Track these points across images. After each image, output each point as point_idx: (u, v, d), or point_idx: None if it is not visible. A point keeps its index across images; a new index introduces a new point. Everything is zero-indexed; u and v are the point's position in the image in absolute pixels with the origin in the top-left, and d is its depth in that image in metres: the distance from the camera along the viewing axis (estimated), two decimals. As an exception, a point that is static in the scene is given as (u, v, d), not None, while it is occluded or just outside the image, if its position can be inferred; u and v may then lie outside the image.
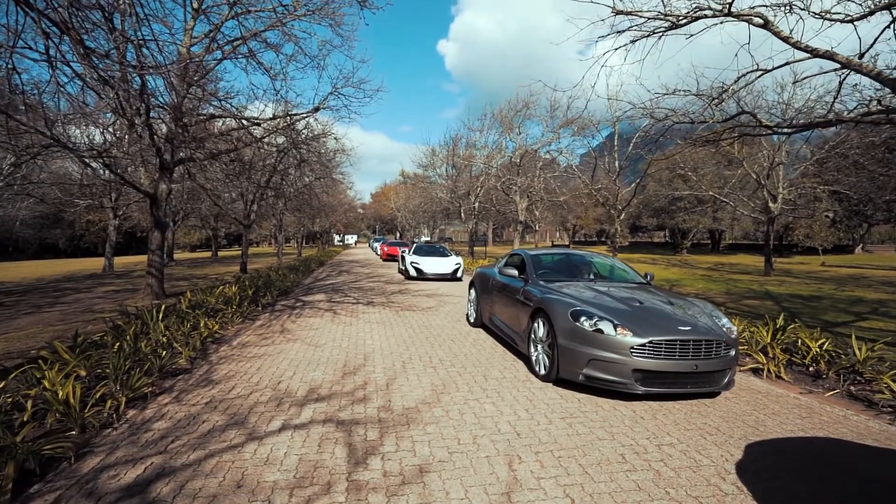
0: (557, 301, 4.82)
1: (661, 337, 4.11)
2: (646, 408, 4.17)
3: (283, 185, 21.02)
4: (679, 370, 4.10)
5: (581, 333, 4.34)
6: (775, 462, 3.20)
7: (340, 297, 11.79)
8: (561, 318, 4.56)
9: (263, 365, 5.49)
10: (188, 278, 17.97)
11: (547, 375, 4.75)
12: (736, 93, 8.18)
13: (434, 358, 5.79)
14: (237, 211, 22.33)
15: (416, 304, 10.54)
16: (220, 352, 6.24)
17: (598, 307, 4.59)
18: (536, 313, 5.07)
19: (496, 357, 5.87)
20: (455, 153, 28.06)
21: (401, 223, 64.29)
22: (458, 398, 4.33)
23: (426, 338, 6.96)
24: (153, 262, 11.64)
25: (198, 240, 59.09)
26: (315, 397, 4.34)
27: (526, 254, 6.55)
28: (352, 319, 8.54)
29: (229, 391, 4.52)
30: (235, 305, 9.04)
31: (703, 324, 4.42)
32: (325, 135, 16.10)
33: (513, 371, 5.26)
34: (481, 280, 7.55)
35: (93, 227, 43.23)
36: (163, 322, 6.91)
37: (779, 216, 22.96)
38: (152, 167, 13.13)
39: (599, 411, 4.05)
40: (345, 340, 6.81)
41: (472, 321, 7.81)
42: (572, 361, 4.37)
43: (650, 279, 6.34)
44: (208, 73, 11.69)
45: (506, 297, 6.27)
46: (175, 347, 6.02)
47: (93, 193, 22.26)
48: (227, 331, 7.72)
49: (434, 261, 16.53)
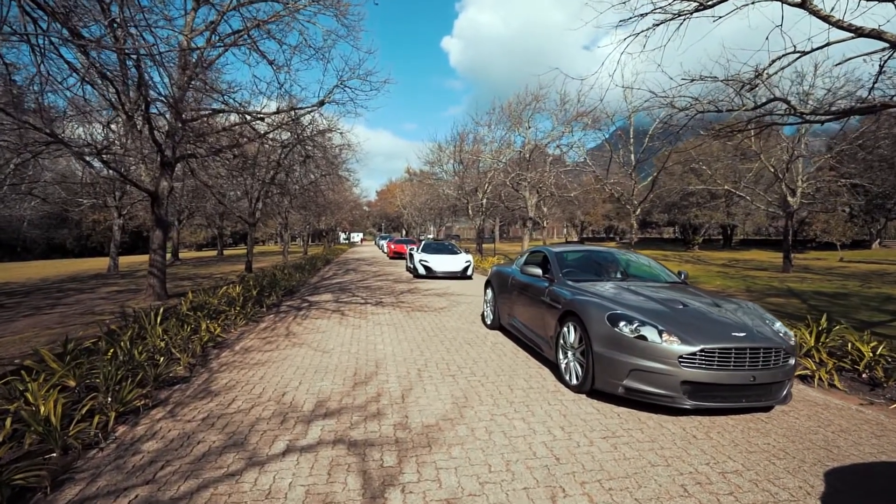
0: (591, 303, 4.34)
1: (714, 344, 3.62)
2: (695, 424, 3.69)
3: (289, 182, 20.63)
4: (734, 382, 3.61)
5: (620, 340, 3.87)
6: (868, 497, 2.72)
7: (348, 296, 11.37)
8: (596, 323, 4.09)
9: (267, 373, 5.06)
10: (192, 278, 17.64)
11: (580, 386, 4.28)
12: (770, 77, 7.64)
13: (452, 365, 5.33)
14: (242, 209, 21.97)
15: (428, 304, 10.09)
16: (222, 357, 5.83)
17: (638, 310, 4.11)
18: (566, 317, 4.60)
19: (519, 363, 5.41)
20: (462, 149, 27.55)
21: (407, 220, 63.85)
22: (483, 413, 3.88)
23: (441, 341, 6.50)
24: (155, 262, 11.26)
25: (204, 238, 59.04)
26: (323, 412, 3.91)
27: (549, 251, 6.06)
28: (361, 321, 8.10)
29: (229, 404, 4.10)
30: (238, 307, 8.63)
31: (758, 329, 3.93)
32: (330, 130, 15.64)
33: (539, 380, 4.79)
34: (499, 279, 7.08)
35: (99, 227, 43.19)
36: (161, 326, 6.50)
37: (798, 210, 22.28)
38: (153, 164, 12.75)
39: (645, 429, 3.58)
40: (354, 345, 6.37)
41: (488, 323, 7.34)
42: (610, 371, 3.90)
43: (684, 277, 5.85)
44: (210, 64, 11.28)
45: (528, 298, 5.79)
46: (173, 353, 5.62)
47: (96, 192, 21.96)
48: (229, 334, 7.32)
49: (443, 259, 16.07)
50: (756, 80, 7.76)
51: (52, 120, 10.96)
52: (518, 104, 23.23)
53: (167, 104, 9.94)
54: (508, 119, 23.89)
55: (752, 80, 7.91)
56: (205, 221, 40.02)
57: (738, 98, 9.22)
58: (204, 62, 11.04)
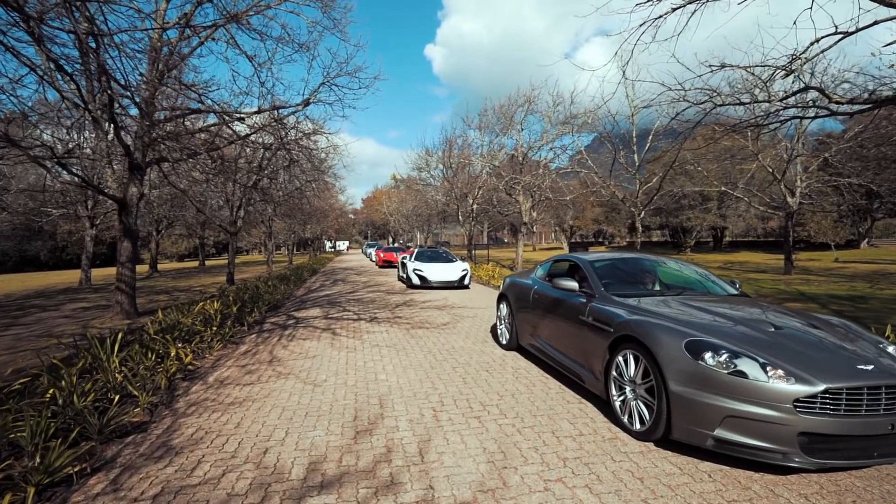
0: (657, 327, 3.43)
1: (842, 383, 2.74)
2: (815, 489, 2.80)
3: (272, 188, 19.55)
4: (867, 433, 2.74)
5: (708, 377, 2.96)
6: None
7: (338, 311, 10.34)
8: (670, 353, 3.18)
9: (246, 417, 4.06)
10: (169, 291, 16.43)
11: (647, 433, 3.35)
12: (809, 61, 6.89)
13: (473, 401, 4.37)
14: (223, 218, 20.77)
15: (428, 319, 9.11)
16: (192, 393, 4.81)
17: (723, 335, 3.21)
18: (621, 343, 3.68)
19: (553, 397, 4.47)
20: (451, 153, 26.69)
21: (393, 228, 62.75)
22: (531, 478, 2.93)
23: (453, 368, 5.53)
24: (123, 277, 10.14)
25: (185, 249, 57.23)
26: (318, 481, 2.93)
27: (581, 259, 5.14)
28: (355, 342, 7.11)
29: (193, 469, 3.10)
30: (215, 326, 7.59)
31: (881, 359, 3.06)
32: (315, 133, 14.63)
33: (586, 421, 3.86)
34: (516, 292, 6.14)
35: (74, 238, 41.36)
36: (122, 354, 5.47)
37: (797, 210, 21.83)
38: (121, 168, 11.62)
39: (755, 499, 2.67)
40: (350, 374, 5.38)
41: (503, 343, 6.39)
42: (695, 418, 2.99)
43: (740, 287, 4.98)
44: (184, 59, 10.25)
45: (559, 316, 4.87)
46: (130, 390, 4.60)
47: (66, 201, 20.58)
48: (203, 360, 6.29)
49: (439, 267, 15.10)
50: (792, 64, 6.98)
51: (9, 122, 9.83)
52: (510, 105, 22.49)
53: (133, 100, 8.88)
54: (500, 121, 23.13)
55: (786, 67, 7.14)
56: (185, 231, 38.55)
57: (762, 90, 8.49)
58: (178, 55, 10.02)
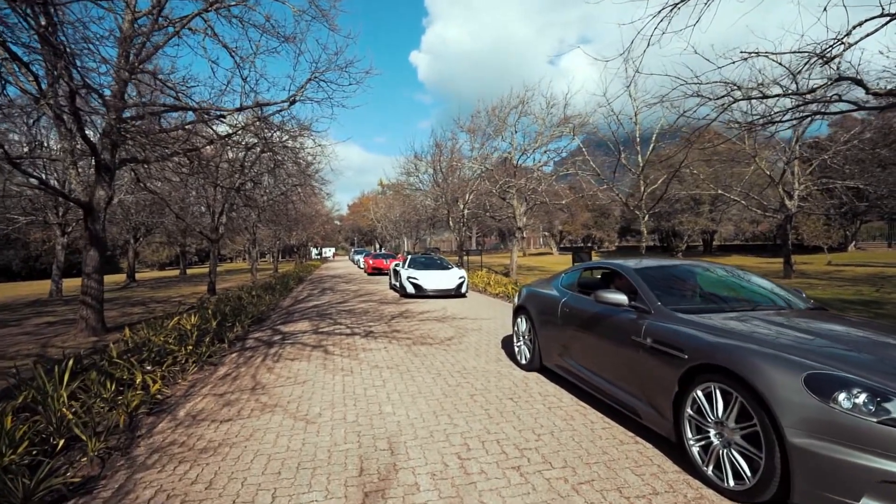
0: (755, 354, 2.63)
1: None
2: None
3: (256, 192, 18.58)
4: None
5: (846, 425, 2.21)
6: None
7: (329, 324, 9.45)
8: (783, 390, 2.40)
9: (221, 471, 3.21)
10: (146, 303, 15.34)
11: (749, 494, 2.55)
12: (850, 47, 6.26)
13: (506, 443, 3.54)
14: (204, 224, 19.69)
15: (430, 332, 8.27)
16: (156, 433, 3.94)
17: (853, 365, 2.46)
18: (700, 374, 2.90)
19: (600, 434, 3.68)
20: (441, 157, 25.93)
21: (381, 234, 61.71)
22: (612, 570, 2.14)
23: (470, 395, 4.70)
24: (89, 289, 9.14)
25: (167, 257, 55.37)
26: (319, 583, 2.10)
27: (623, 267, 4.35)
28: (351, 363, 6.25)
29: (144, 562, 2.25)
30: (192, 345, 6.68)
31: None
32: (301, 133, 13.75)
33: (654, 471, 3.07)
34: (539, 305, 5.33)
35: (47, 247, 39.65)
36: (73, 384, 4.56)
37: (795, 214, 21.51)
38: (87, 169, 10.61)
39: None
40: (349, 405, 4.53)
41: (522, 362, 5.58)
42: (830, 482, 2.22)
43: (806, 297, 4.25)
44: (158, 49, 9.35)
45: (601, 336, 4.06)
46: (78, 434, 3.72)
47: (34, 208, 19.31)
48: (175, 387, 5.40)
49: (434, 275, 14.27)
50: (833, 48, 6.35)
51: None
52: (503, 107, 21.83)
53: (98, 93, 7.96)
54: (492, 123, 22.46)
55: (824, 53, 6.53)
56: (166, 239, 37.19)
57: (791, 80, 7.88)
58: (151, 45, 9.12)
